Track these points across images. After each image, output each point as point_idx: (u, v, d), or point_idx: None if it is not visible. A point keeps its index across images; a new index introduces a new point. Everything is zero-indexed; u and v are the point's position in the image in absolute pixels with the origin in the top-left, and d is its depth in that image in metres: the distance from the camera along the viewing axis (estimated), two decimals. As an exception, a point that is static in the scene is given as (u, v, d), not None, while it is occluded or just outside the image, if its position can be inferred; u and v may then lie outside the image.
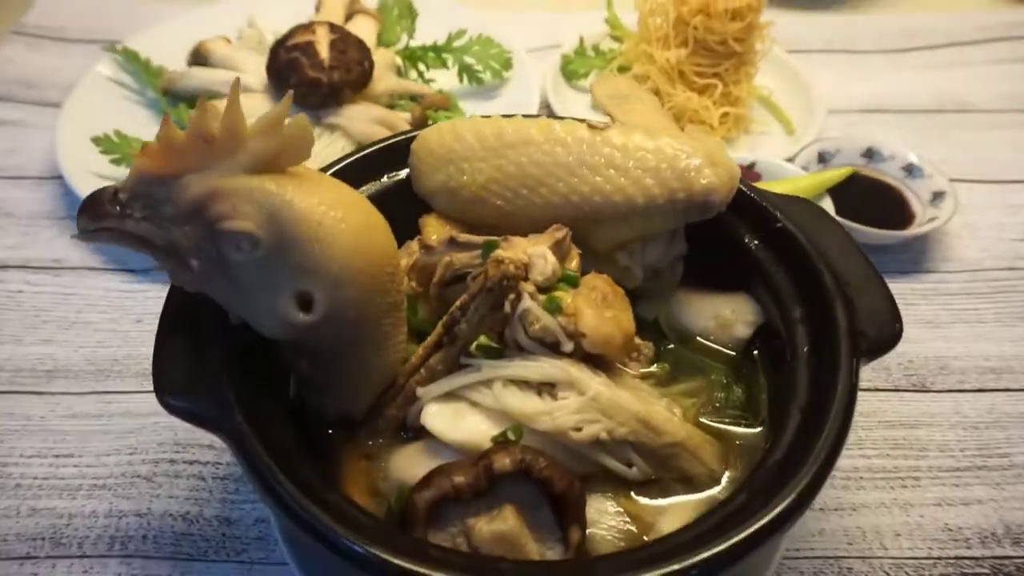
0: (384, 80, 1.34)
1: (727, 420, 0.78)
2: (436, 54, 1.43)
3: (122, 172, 1.23)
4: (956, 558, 0.84)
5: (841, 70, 1.56)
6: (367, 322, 0.67)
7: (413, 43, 1.47)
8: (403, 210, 0.82)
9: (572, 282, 0.74)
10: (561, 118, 0.83)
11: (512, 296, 0.71)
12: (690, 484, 0.72)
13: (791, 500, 0.57)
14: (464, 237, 0.77)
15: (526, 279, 0.72)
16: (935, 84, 1.53)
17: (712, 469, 0.73)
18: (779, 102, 1.42)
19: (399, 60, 1.45)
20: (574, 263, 0.77)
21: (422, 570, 0.54)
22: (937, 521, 0.87)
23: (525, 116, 0.84)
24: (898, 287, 0.71)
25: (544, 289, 0.73)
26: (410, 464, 0.72)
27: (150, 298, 1.11)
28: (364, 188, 0.85)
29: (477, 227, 0.82)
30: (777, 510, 0.57)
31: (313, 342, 0.67)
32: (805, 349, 0.72)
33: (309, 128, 0.63)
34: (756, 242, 0.82)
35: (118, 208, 0.63)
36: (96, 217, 0.64)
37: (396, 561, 0.55)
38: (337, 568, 0.70)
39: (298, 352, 0.69)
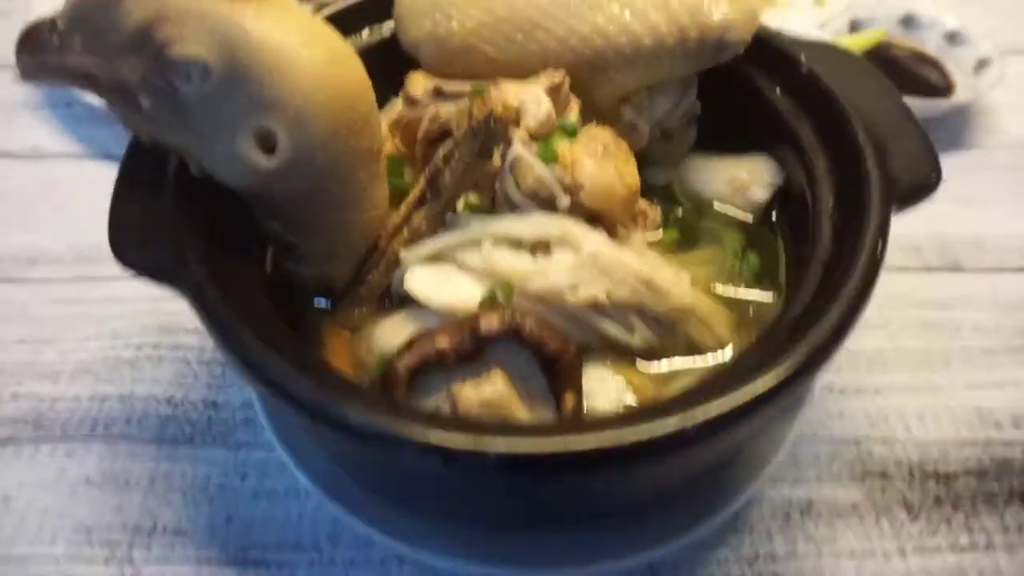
0: None
1: (741, 288, 0.71)
2: None
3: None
4: (986, 440, 0.78)
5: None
6: (339, 169, 0.60)
7: None
8: (388, 70, 0.74)
9: (570, 131, 0.67)
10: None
11: (502, 145, 0.64)
12: (698, 353, 0.66)
13: (811, 348, 0.51)
14: (451, 85, 0.70)
15: (517, 125, 0.64)
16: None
17: (722, 337, 0.67)
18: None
19: None
20: (573, 114, 0.70)
21: (396, 429, 0.49)
22: (967, 404, 0.81)
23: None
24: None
25: (538, 138, 0.66)
26: (394, 333, 0.66)
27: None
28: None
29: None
30: (792, 360, 0.50)
31: (282, 194, 0.60)
32: (831, 204, 0.64)
33: (267, -59, 0.55)
34: (778, 91, 0.73)
35: (57, 39, 0.57)
36: (35, 51, 0.57)
37: (373, 420, 0.49)
38: (312, 436, 0.66)
39: (267, 209, 0.63)
